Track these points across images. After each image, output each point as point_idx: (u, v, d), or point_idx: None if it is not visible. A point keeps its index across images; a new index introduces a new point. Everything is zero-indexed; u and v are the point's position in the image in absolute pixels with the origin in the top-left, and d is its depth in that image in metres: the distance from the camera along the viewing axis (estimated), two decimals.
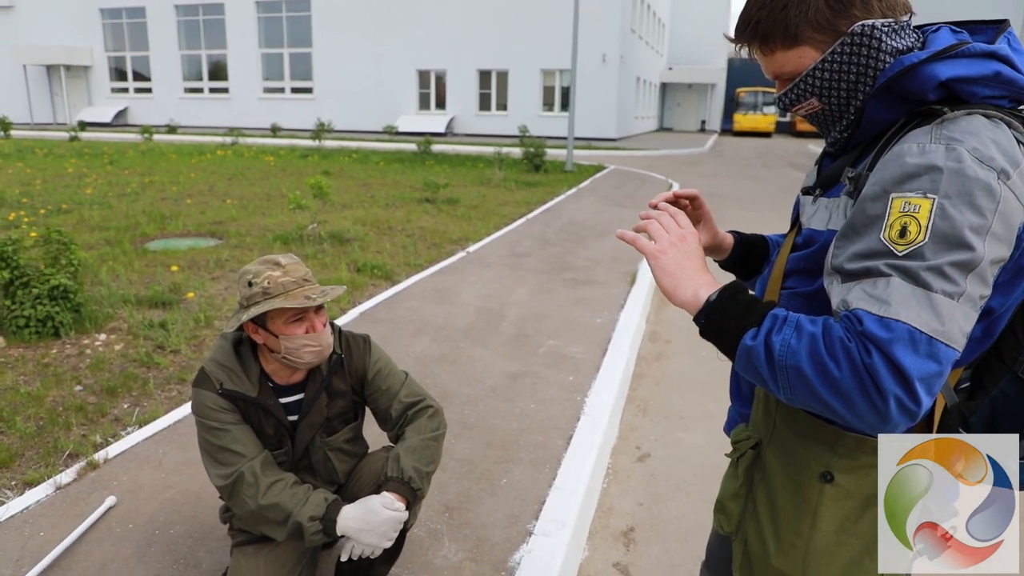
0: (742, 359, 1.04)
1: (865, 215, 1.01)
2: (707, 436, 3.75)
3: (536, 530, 2.70)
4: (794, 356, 0.96)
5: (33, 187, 11.82)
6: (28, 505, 2.79)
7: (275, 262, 1.98)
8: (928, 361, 0.90)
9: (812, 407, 0.98)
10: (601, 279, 6.51)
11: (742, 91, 39.00)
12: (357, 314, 5.32)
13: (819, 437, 1.16)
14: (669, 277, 1.13)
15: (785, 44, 1.14)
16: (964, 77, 1.03)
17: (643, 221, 1.22)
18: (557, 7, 26.35)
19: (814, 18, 1.10)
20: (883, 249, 0.96)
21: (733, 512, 1.32)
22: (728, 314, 1.06)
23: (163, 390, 3.94)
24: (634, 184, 14.48)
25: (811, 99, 1.17)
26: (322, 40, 30.66)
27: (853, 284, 0.98)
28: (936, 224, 0.93)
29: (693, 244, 1.18)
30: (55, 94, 35.82)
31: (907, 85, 1.06)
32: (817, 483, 1.16)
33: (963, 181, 0.94)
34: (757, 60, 1.22)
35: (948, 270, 0.92)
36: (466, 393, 3.95)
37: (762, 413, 1.28)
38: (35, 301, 4.56)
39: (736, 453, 1.32)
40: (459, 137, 28.76)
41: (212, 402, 1.99)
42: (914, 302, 0.91)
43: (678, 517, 3.04)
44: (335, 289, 2.01)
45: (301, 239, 7.90)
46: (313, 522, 1.92)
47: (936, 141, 0.98)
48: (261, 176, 14.26)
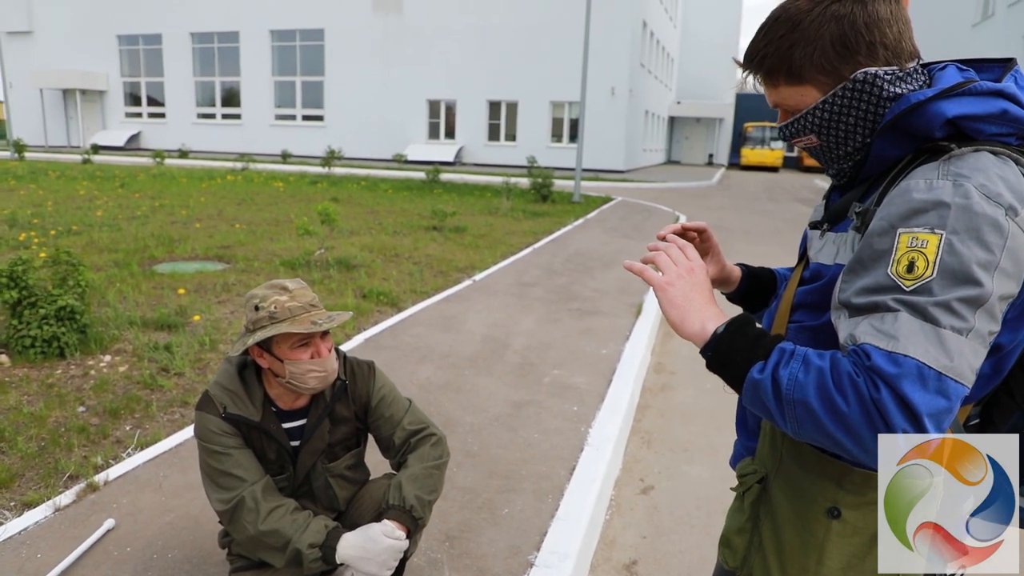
0: (749, 392, 1.03)
1: (872, 250, 1.01)
2: (712, 469, 3.71)
3: (538, 561, 2.66)
4: (801, 390, 0.95)
5: (45, 208, 11.93)
6: (27, 526, 2.76)
7: (282, 287, 1.98)
8: (937, 397, 0.89)
9: (819, 442, 0.97)
10: (607, 310, 6.50)
11: (750, 126, 39.26)
12: (362, 340, 5.32)
13: (826, 472, 1.14)
14: (676, 309, 1.13)
15: (788, 81, 1.16)
16: (971, 115, 1.03)
17: (651, 252, 1.22)
18: (567, 40, 26.71)
19: (819, 61, 1.11)
20: (890, 284, 0.96)
21: (738, 547, 1.30)
22: (735, 347, 1.05)
23: (166, 413, 3.93)
24: (641, 216, 14.53)
25: (810, 135, 1.19)
26: (334, 69, 31.08)
27: (860, 319, 0.98)
28: (944, 259, 0.93)
29: (701, 276, 1.17)
30: (70, 117, 36.33)
31: (914, 122, 1.06)
32: (824, 519, 1.14)
33: (971, 217, 0.94)
34: (761, 89, 1.23)
35: (956, 306, 0.92)
36: (470, 421, 3.93)
37: (768, 447, 1.26)
38: (42, 321, 4.58)
39: (742, 487, 1.30)
40: (468, 166, 28.98)
41: (215, 426, 1.98)
42: (923, 337, 0.91)
43: (681, 551, 3.00)
44: (341, 315, 2.01)
45: (308, 265, 7.93)
46: (312, 549, 1.90)
47: (943, 177, 0.98)
48: (270, 201, 14.36)
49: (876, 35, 1.09)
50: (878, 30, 1.09)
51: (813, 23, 1.10)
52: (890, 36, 1.10)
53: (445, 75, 29.38)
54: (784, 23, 1.13)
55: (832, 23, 1.09)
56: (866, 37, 1.09)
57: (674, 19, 40.73)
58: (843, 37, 1.09)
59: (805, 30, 1.11)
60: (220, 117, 33.93)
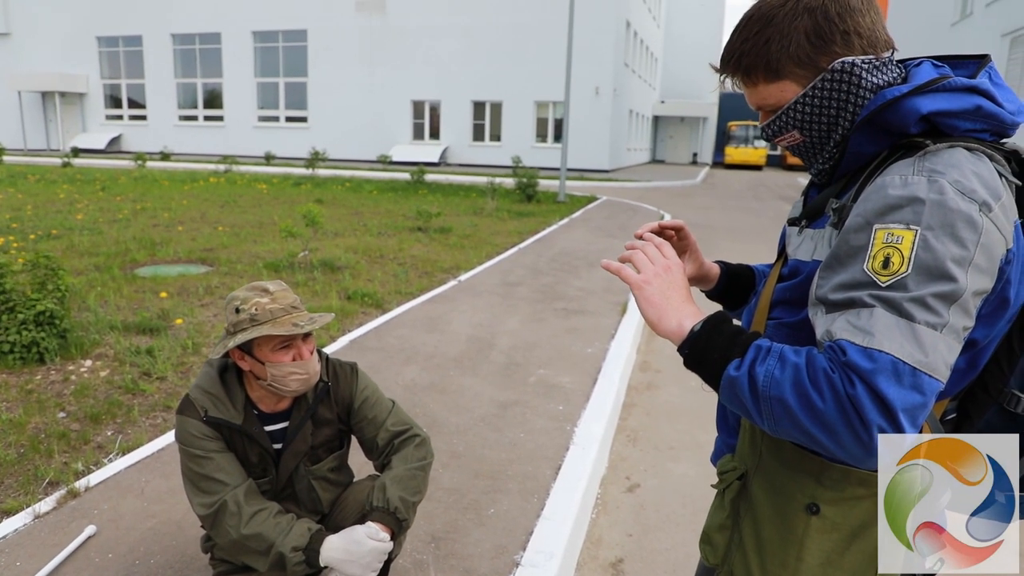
0: (726, 390, 1.03)
1: (848, 246, 1.01)
2: (697, 467, 3.72)
3: (524, 561, 2.65)
4: (778, 387, 0.96)
5: (24, 212, 11.78)
6: (5, 534, 2.72)
7: (263, 289, 1.97)
8: (912, 392, 0.89)
9: (796, 438, 0.98)
10: (592, 309, 6.51)
11: (733, 125, 39.49)
12: (347, 342, 5.29)
13: (805, 468, 1.14)
14: (653, 307, 1.13)
15: (767, 78, 1.15)
16: (946, 111, 1.04)
17: (628, 251, 1.22)
18: (551, 40, 26.74)
19: (795, 54, 1.11)
20: (866, 280, 0.96)
21: (719, 544, 1.30)
22: (712, 344, 1.06)
23: (148, 417, 3.89)
24: (626, 215, 14.57)
25: (792, 131, 1.19)
26: (317, 70, 30.95)
27: (837, 315, 0.98)
28: (919, 255, 0.94)
29: (678, 274, 1.17)
30: (49, 120, 35.93)
31: (889, 118, 1.07)
32: (803, 515, 1.14)
33: (945, 213, 0.95)
34: (741, 90, 1.23)
35: (931, 301, 0.92)
36: (455, 422, 3.92)
37: (748, 443, 1.26)
38: (20, 326, 4.52)
39: (722, 484, 1.31)
40: (453, 167, 28.95)
41: (196, 430, 1.96)
42: (898, 333, 0.91)
43: (667, 548, 3.00)
44: (323, 317, 2.00)
45: (292, 267, 7.88)
46: (296, 552, 1.88)
47: (918, 173, 0.99)
48: (253, 204, 14.27)
49: (850, 24, 1.09)
50: (851, 19, 1.09)
51: (787, 16, 1.11)
52: (864, 25, 1.10)
53: (429, 76, 29.34)
54: (758, 20, 1.14)
55: (805, 15, 1.10)
56: (840, 26, 1.09)
57: (657, 19, 40.87)
58: (817, 28, 1.09)
59: (779, 24, 1.11)
60: (202, 119, 33.68)
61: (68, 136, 35.39)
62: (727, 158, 38.89)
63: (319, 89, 31.13)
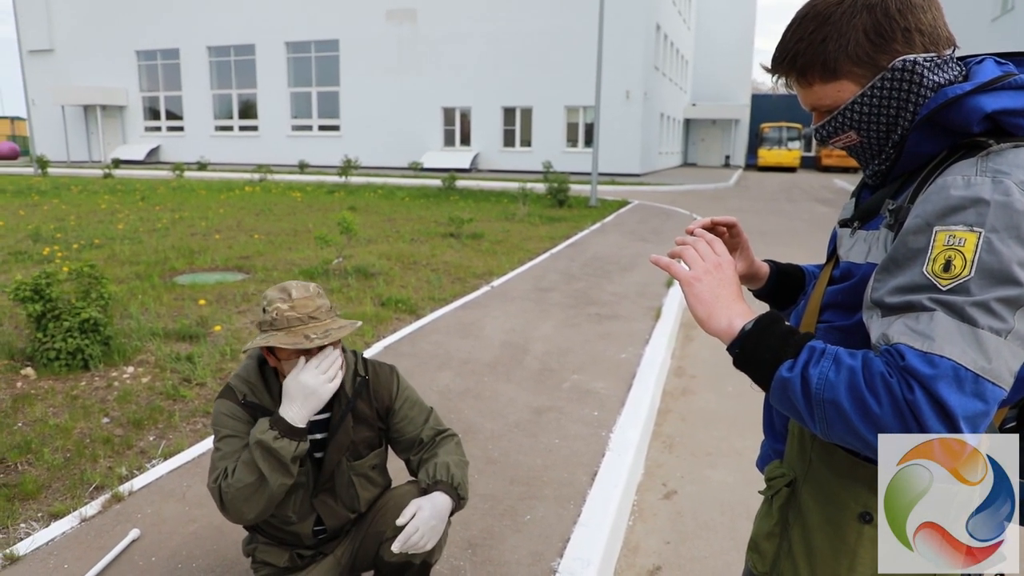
0: (777, 391, 1.01)
1: (907, 248, 0.98)
2: (735, 473, 3.67)
3: (561, 568, 2.64)
4: (832, 390, 0.93)
5: (67, 223, 12.10)
6: (53, 537, 2.79)
7: (287, 293, 1.97)
8: (974, 400, 0.87)
9: (849, 443, 0.96)
10: (626, 314, 6.47)
11: (766, 126, 39.04)
12: (381, 348, 5.33)
13: (857, 476, 1.12)
14: (703, 305, 1.11)
15: (824, 77, 1.12)
16: (1011, 109, 1.01)
17: (679, 247, 1.20)
18: (581, 45, 26.71)
19: (854, 52, 1.08)
20: (926, 283, 0.94)
21: (767, 552, 1.27)
22: (764, 344, 1.03)
23: (188, 423, 3.96)
24: (659, 219, 14.48)
25: (849, 132, 1.15)
26: (349, 79, 31.30)
27: (894, 318, 0.96)
28: (982, 258, 0.91)
29: (729, 272, 1.15)
30: (91, 133, 36.87)
31: (951, 117, 1.03)
32: (856, 524, 1.12)
33: (1011, 214, 0.91)
34: (794, 91, 1.20)
35: (995, 306, 0.89)
36: (490, 428, 3.92)
37: (797, 449, 1.24)
38: (66, 334, 4.63)
39: (770, 491, 1.28)
40: (483, 173, 29.04)
41: (230, 410, 2.01)
42: (959, 338, 0.88)
43: (705, 556, 2.97)
44: (342, 329, 1.96)
45: (327, 273, 7.97)
46: (268, 432, 1.89)
47: (982, 174, 0.96)
48: (288, 212, 14.47)
49: (911, 20, 1.06)
50: (912, 16, 1.06)
51: (844, 14, 1.08)
52: (925, 21, 1.07)
53: (459, 82, 29.49)
54: (813, 19, 1.11)
55: (864, 12, 1.07)
56: (900, 23, 1.06)
57: (688, 21, 40.61)
58: (877, 25, 1.06)
59: (837, 22, 1.08)
60: (237, 129, 34.27)
61: (109, 148, 36.27)
62: (760, 160, 38.43)
63: (351, 98, 31.49)
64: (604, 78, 21.77)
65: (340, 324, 1.99)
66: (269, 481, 1.89)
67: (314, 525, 2.13)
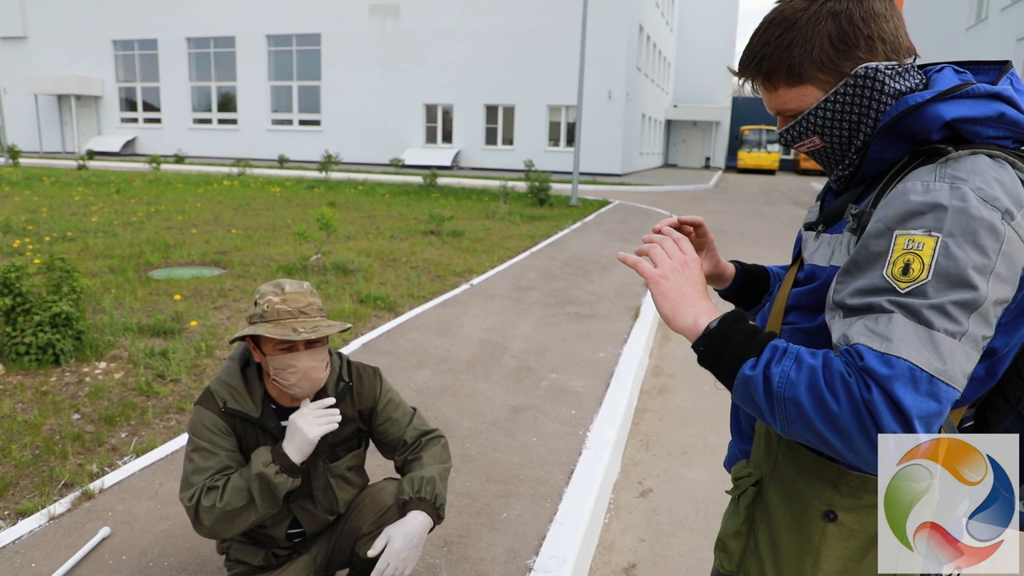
0: (740, 389, 1.03)
1: (868, 252, 1.00)
2: (710, 472, 3.70)
3: (536, 566, 2.64)
4: (793, 388, 0.95)
5: (39, 215, 11.90)
6: (21, 535, 2.74)
7: (280, 288, 1.98)
8: (928, 400, 0.89)
9: (809, 441, 0.97)
10: (604, 313, 6.49)
11: (746, 129, 39.34)
12: (359, 345, 5.30)
13: (822, 475, 1.14)
14: (669, 303, 1.12)
15: (788, 82, 1.14)
16: (968, 117, 1.03)
17: (646, 245, 1.21)
18: (564, 44, 26.76)
19: (818, 58, 1.10)
20: (885, 286, 0.96)
21: (734, 551, 1.29)
22: (728, 343, 1.05)
23: (162, 419, 3.91)
24: (638, 219, 14.54)
25: (813, 137, 1.17)
26: (331, 73, 31.10)
27: (854, 319, 0.98)
28: (939, 262, 0.93)
29: (695, 271, 1.17)
30: (65, 123, 36.29)
31: (911, 124, 1.06)
32: (820, 522, 1.14)
33: (967, 220, 0.94)
34: (759, 94, 1.21)
35: (951, 309, 0.92)
36: (467, 426, 3.91)
37: (763, 449, 1.25)
38: (36, 328, 4.55)
39: (737, 490, 1.30)
40: (465, 171, 29.00)
41: (210, 422, 1.98)
42: (916, 340, 0.91)
43: (680, 554, 2.98)
44: (328, 327, 1.96)
45: (305, 270, 7.91)
46: (269, 466, 1.89)
47: (940, 180, 0.98)
48: (267, 207, 14.34)
49: (874, 29, 1.08)
50: (875, 24, 1.08)
51: (810, 21, 1.10)
52: (887, 30, 1.09)
53: (442, 79, 29.42)
54: (780, 24, 1.13)
55: (829, 19, 1.09)
56: (864, 31, 1.08)
57: (671, 23, 40.81)
58: (841, 32, 1.08)
59: (802, 28, 1.10)
60: (216, 122, 33.92)
61: (83, 139, 35.72)
62: (740, 162, 38.73)
63: (332, 93, 31.28)
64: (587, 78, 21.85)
65: (329, 323, 1.98)
66: (259, 510, 1.91)
67: (289, 528, 2.12)
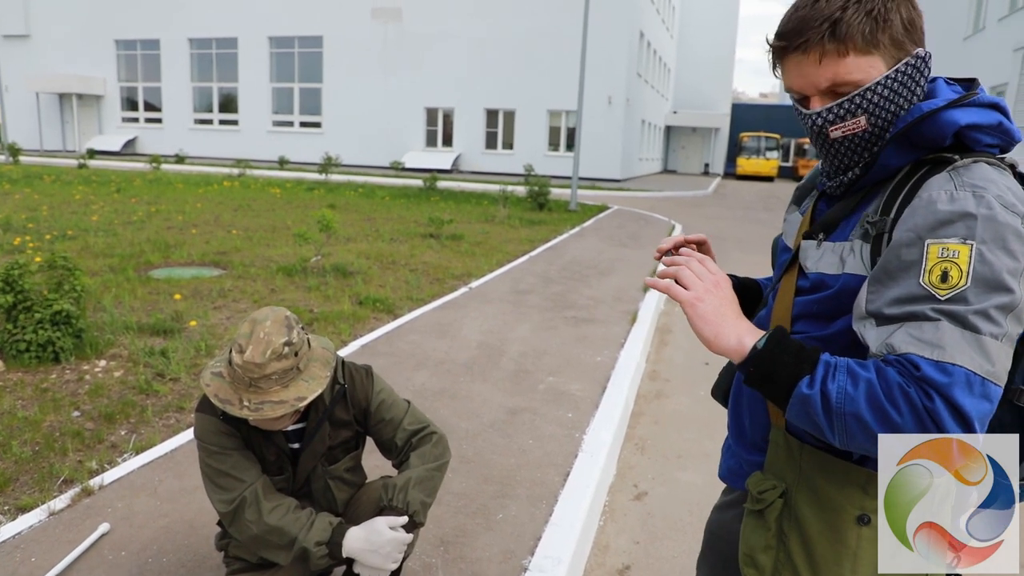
0: (796, 407, 1.04)
1: (900, 260, 1.03)
2: (704, 475, 3.73)
3: (531, 566, 2.67)
4: (853, 403, 0.97)
5: (39, 213, 11.92)
6: (21, 530, 2.76)
7: (245, 345, 1.82)
8: (983, 401, 0.93)
9: (869, 451, 1.00)
10: (602, 317, 6.52)
11: (746, 135, 39.46)
12: (358, 347, 5.33)
13: (851, 479, 1.14)
14: (709, 325, 1.12)
15: (863, 48, 1.10)
16: (977, 124, 1.07)
17: (671, 268, 1.20)
18: (564, 49, 26.83)
19: (893, 33, 1.10)
20: (924, 294, 0.99)
21: (765, 564, 1.25)
22: (779, 362, 1.06)
23: (161, 417, 3.94)
24: (637, 225, 14.58)
25: (860, 117, 1.13)
26: (332, 76, 31.15)
27: (894, 328, 1.00)
28: (977, 269, 0.97)
29: (727, 290, 1.18)
30: (66, 122, 36.30)
31: (924, 130, 1.09)
32: (855, 527, 1.14)
33: (996, 227, 0.98)
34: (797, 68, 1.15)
35: (993, 312, 0.96)
36: (465, 428, 3.94)
37: (784, 459, 1.23)
38: (37, 326, 4.58)
39: (760, 504, 1.25)
40: (465, 174, 29.04)
41: (213, 427, 2.00)
42: (966, 345, 0.94)
43: (674, 556, 3.01)
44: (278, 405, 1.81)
45: (305, 271, 7.94)
46: (319, 547, 1.93)
47: (962, 188, 1.02)
48: (267, 208, 14.37)
49: (920, 23, 1.13)
50: (920, 20, 1.13)
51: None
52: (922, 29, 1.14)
53: (443, 83, 29.48)
54: None
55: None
56: (919, 21, 1.13)
57: (671, 30, 40.93)
58: (910, 14, 1.12)
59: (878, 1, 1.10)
60: (217, 123, 33.96)
61: (84, 138, 35.73)
62: (739, 169, 38.84)
63: (333, 95, 31.34)
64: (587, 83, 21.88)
65: (281, 398, 1.83)
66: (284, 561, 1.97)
67: None
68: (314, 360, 1.95)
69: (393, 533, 1.95)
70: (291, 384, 1.86)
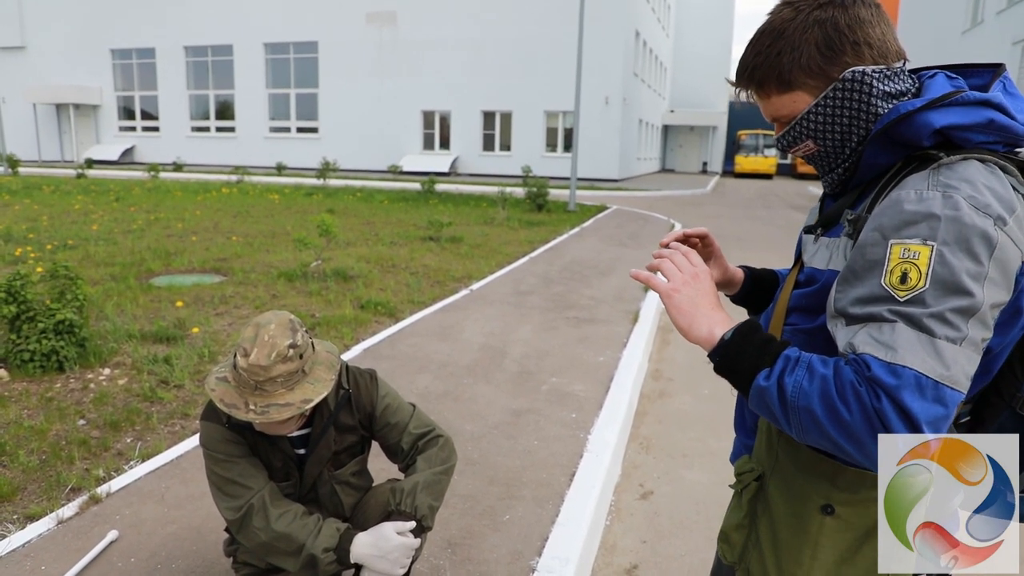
0: (755, 398, 1.06)
1: (865, 260, 1.03)
2: (710, 473, 3.74)
3: (539, 567, 2.68)
4: (806, 398, 0.98)
5: (40, 223, 11.93)
6: (30, 539, 2.78)
7: (250, 348, 1.82)
8: (935, 405, 0.92)
9: (823, 445, 1.01)
10: (604, 317, 6.53)
11: (743, 133, 39.47)
12: (360, 351, 5.34)
13: (819, 471, 1.18)
14: (683, 315, 1.16)
15: (779, 89, 1.18)
16: (958, 125, 1.06)
17: (656, 260, 1.24)
18: (561, 50, 26.85)
19: (806, 64, 1.14)
20: (884, 295, 0.99)
21: (736, 542, 1.34)
22: (742, 353, 1.08)
23: (166, 424, 3.95)
24: (636, 224, 14.59)
25: (807, 141, 1.21)
26: (328, 81, 31.18)
27: (858, 327, 1.01)
28: (936, 271, 0.96)
29: (706, 282, 1.20)
30: (63, 132, 36.34)
31: (903, 132, 1.09)
32: (818, 515, 1.18)
33: (960, 228, 0.97)
34: (756, 103, 1.26)
35: (950, 316, 0.95)
36: (469, 430, 3.95)
37: (765, 446, 1.30)
38: (40, 335, 4.59)
39: (739, 485, 1.34)
40: (463, 177, 29.06)
41: (219, 434, 2.00)
42: (920, 348, 0.94)
43: (681, 554, 3.02)
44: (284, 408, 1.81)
45: (305, 276, 7.95)
46: (327, 553, 1.93)
47: (933, 188, 1.01)
48: (266, 214, 14.38)
49: (860, 35, 1.12)
50: (861, 30, 1.12)
51: (797, 29, 1.14)
52: (874, 36, 1.13)
53: (439, 86, 29.51)
54: (770, 34, 1.17)
55: (815, 27, 1.13)
56: (849, 37, 1.12)
57: (667, 29, 40.96)
58: (827, 39, 1.12)
59: (790, 37, 1.14)
60: (214, 130, 33.98)
61: (82, 147, 35.76)
62: (737, 167, 38.86)
63: (330, 100, 31.37)
64: (584, 84, 21.93)
65: (287, 401, 1.83)
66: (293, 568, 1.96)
67: None
68: (319, 363, 1.96)
69: (401, 538, 1.95)
70: (296, 387, 1.86)
